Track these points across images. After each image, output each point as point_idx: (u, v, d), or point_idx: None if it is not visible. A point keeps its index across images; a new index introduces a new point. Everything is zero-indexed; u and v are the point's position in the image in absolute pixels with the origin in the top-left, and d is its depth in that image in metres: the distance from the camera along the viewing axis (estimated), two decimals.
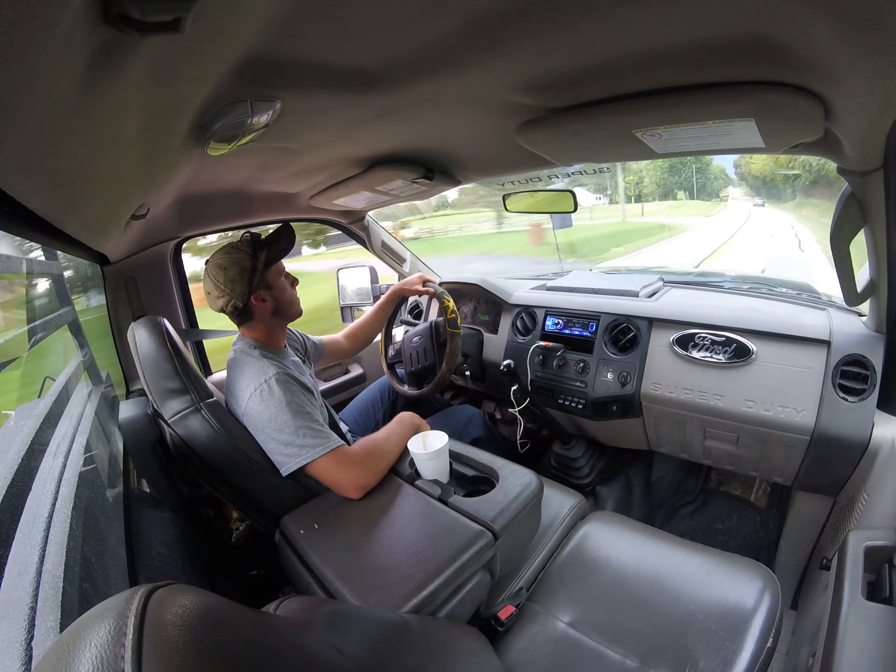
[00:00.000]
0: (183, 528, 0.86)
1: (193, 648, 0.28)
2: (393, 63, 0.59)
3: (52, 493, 0.61)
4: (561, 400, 1.41)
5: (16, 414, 0.77)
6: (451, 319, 1.37)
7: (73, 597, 0.48)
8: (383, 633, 0.54)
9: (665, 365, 1.23)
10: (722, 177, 44.25)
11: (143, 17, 0.29)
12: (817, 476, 1.06)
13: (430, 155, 1.11)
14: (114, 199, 0.70)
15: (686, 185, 41.92)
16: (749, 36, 0.49)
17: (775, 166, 32.20)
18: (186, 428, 0.90)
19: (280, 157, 1.00)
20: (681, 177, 41.75)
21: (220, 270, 0.97)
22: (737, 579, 0.83)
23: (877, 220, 0.74)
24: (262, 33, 0.46)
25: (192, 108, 0.56)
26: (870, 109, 0.53)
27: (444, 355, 1.40)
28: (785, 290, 1.40)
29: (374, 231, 1.81)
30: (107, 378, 1.23)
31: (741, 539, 1.46)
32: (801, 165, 25.27)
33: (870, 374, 0.98)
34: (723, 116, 0.64)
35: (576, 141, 0.85)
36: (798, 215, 22.03)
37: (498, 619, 0.83)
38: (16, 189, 0.42)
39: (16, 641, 0.40)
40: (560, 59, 0.59)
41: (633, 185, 40.50)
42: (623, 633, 0.80)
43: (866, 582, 0.60)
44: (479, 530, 0.78)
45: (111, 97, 0.39)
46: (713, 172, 42.26)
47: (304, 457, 0.90)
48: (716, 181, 42.71)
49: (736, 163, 43.55)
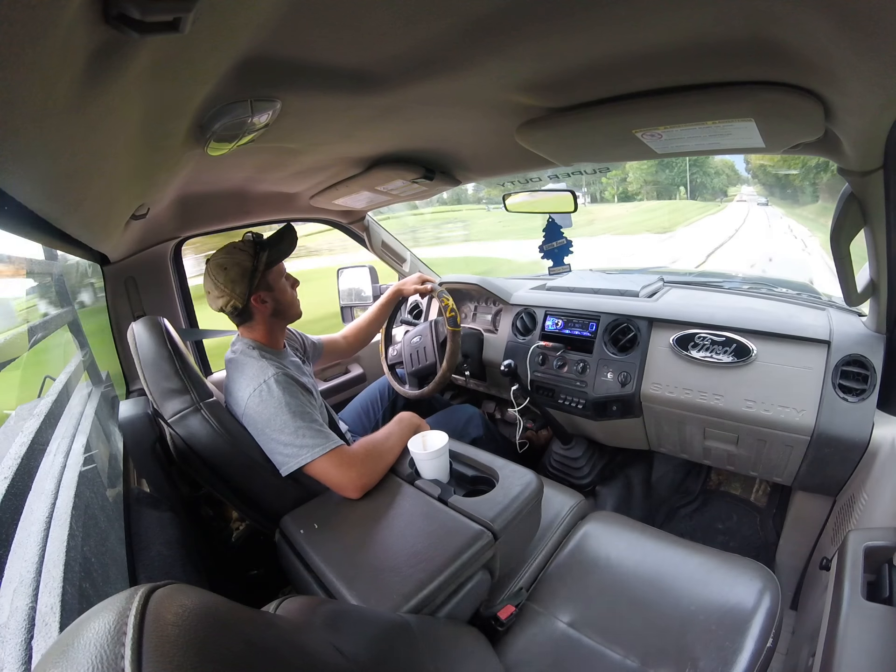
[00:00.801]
0: (183, 528, 0.86)
1: (193, 648, 0.28)
2: (393, 63, 0.59)
3: (52, 493, 0.61)
4: (561, 400, 1.41)
5: (16, 414, 0.77)
6: (450, 318, 1.37)
7: (73, 597, 0.49)
8: (383, 633, 0.54)
9: (665, 365, 1.23)
10: (727, 172, 37.63)
11: (143, 17, 0.29)
12: (817, 476, 1.06)
13: (430, 155, 1.11)
14: (114, 199, 0.70)
15: (679, 182, 34.96)
16: (749, 36, 0.49)
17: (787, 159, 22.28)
18: (186, 428, 0.90)
19: (280, 157, 1.00)
20: (672, 171, 34.49)
21: (221, 270, 0.97)
22: (737, 579, 0.83)
23: (877, 220, 0.74)
24: (262, 33, 0.46)
25: (192, 108, 0.56)
26: (870, 109, 0.53)
27: (444, 354, 1.40)
28: (785, 290, 1.40)
29: (374, 231, 1.81)
30: (107, 378, 1.23)
31: (741, 539, 1.46)
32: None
33: (870, 375, 0.98)
34: (723, 116, 0.64)
35: (576, 141, 0.85)
36: (816, 225, 14.49)
37: (498, 619, 0.83)
38: (16, 189, 0.42)
39: (16, 641, 0.40)
40: (560, 59, 0.59)
41: (616, 182, 34.26)
42: (623, 633, 0.80)
43: (866, 582, 0.60)
44: (479, 530, 0.78)
45: (111, 97, 0.39)
46: (714, 167, 35.33)
47: (304, 457, 0.90)
48: (717, 177, 36.40)
49: (746, 157, 37.83)
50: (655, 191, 36.28)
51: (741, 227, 16.65)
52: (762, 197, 30.53)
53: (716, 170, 36.58)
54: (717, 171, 36.69)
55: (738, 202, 29.40)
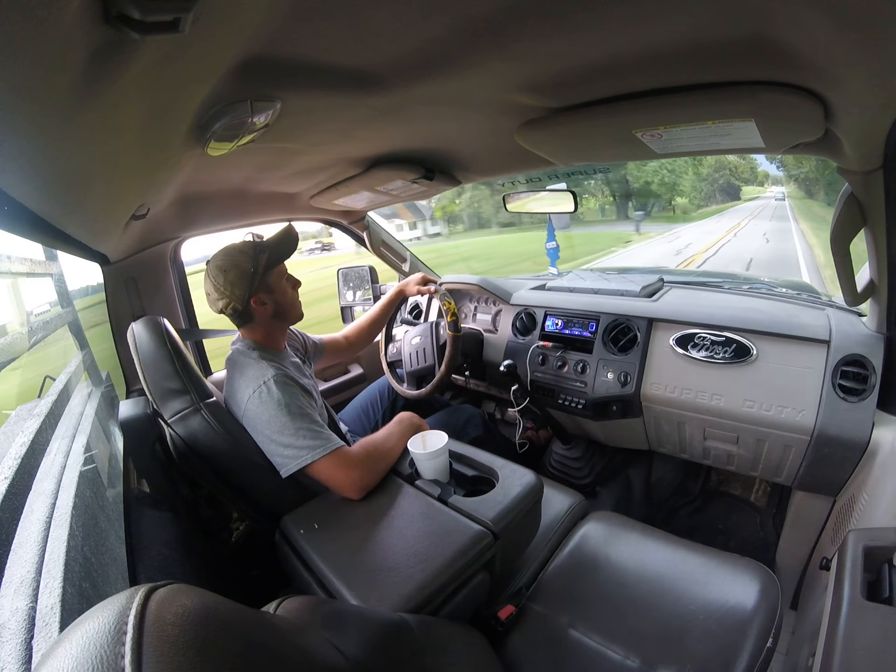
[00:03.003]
0: (183, 528, 0.86)
1: (193, 648, 0.28)
2: (393, 63, 0.59)
3: (52, 493, 0.61)
4: (561, 400, 1.41)
5: (16, 414, 0.77)
6: (451, 322, 1.37)
7: (73, 597, 0.48)
8: (383, 633, 0.54)
9: (665, 365, 1.23)
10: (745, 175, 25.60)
11: (143, 17, 0.29)
12: (817, 476, 1.06)
13: (430, 155, 1.11)
14: (114, 199, 0.70)
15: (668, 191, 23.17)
16: (749, 36, 0.49)
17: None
18: (186, 428, 0.90)
19: (280, 157, 1.00)
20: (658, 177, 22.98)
21: (220, 272, 0.97)
22: (737, 579, 0.83)
23: (877, 220, 0.74)
24: (261, 33, 0.46)
25: (192, 108, 0.56)
26: (870, 109, 0.53)
27: (443, 357, 1.40)
28: (785, 290, 1.40)
29: (374, 231, 1.81)
30: (107, 378, 1.23)
31: (741, 539, 1.46)
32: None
33: (870, 375, 0.98)
34: (723, 116, 0.64)
35: (575, 141, 0.86)
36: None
37: (498, 619, 0.83)
38: (16, 189, 0.42)
39: (16, 641, 0.40)
40: (560, 59, 0.59)
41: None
42: (623, 633, 0.80)
43: (866, 582, 0.60)
44: (479, 530, 0.78)
45: (111, 97, 0.39)
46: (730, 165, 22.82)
47: (304, 458, 0.90)
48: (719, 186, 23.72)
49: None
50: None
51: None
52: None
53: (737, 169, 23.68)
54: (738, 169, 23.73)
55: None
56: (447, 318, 1.37)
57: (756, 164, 28.30)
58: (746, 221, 16.42)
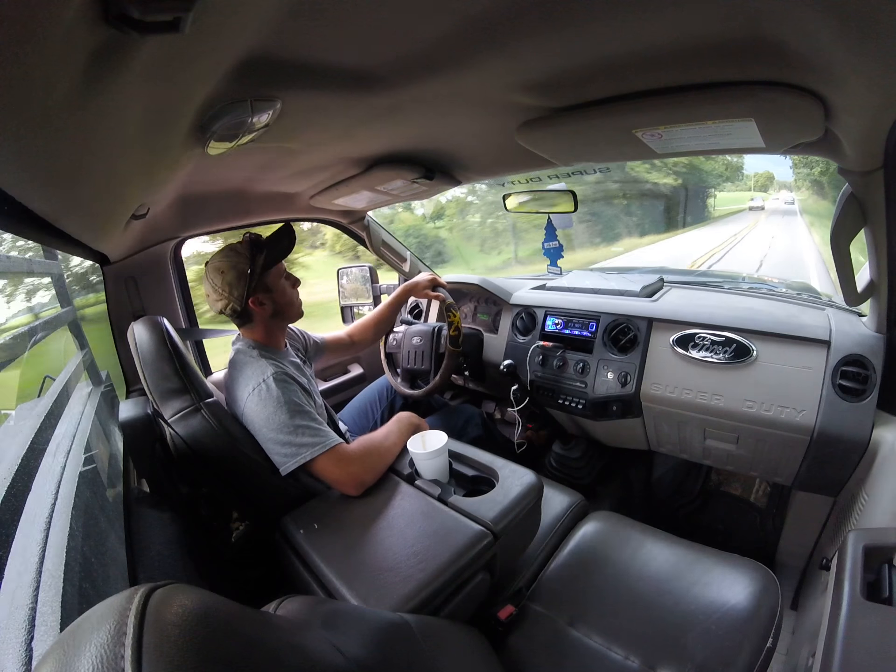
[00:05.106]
0: (183, 528, 0.86)
1: (193, 648, 0.28)
2: (393, 63, 0.59)
3: (52, 493, 0.61)
4: (561, 400, 1.41)
5: (16, 414, 0.77)
6: (453, 337, 1.37)
7: (73, 597, 0.48)
8: (383, 633, 0.54)
9: (665, 365, 1.23)
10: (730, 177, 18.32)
11: (143, 17, 0.29)
12: (817, 476, 1.06)
13: (430, 155, 1.11)
14: (114, 199, 0.70)
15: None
16: (749, 36, 0.49)
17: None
18: (186, 428, 0.90)
19: (280, 157, 1.00)
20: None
21: (218, 274, 0.97)
22: (737, 579, 0.83)
23: (877, 220, 0.74)
24: (261, 33, 0.46)
25: (192, 108, 0.56)
26: (870, 109, 0.53)
27: (439, 368, 1.41)
28: (785, 290, 1.40)
29: (374, 231, 1.81)
30: (107, 378, 1.23)
31: (741, 539, 1.46)
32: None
33: (870, 375, 0.98)
34: (723, 116, 0.64)
35: (576, 141, 0.85)
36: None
37: (498, 619, 0.83)
38: (16, 189, 0.42)
39: (16, 641, 0.40)
40: (560, 59, 0.59)
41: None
42: (623, 633, 0.80)
43: (866, 582, 0.60)
44: (479, 530, 0.78)
45: (111, 97, 0.39)
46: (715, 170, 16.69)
47: (303, 456, 0.90)
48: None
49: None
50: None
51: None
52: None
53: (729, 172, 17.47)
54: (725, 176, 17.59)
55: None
56: (450, 331, 1.38)
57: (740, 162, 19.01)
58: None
